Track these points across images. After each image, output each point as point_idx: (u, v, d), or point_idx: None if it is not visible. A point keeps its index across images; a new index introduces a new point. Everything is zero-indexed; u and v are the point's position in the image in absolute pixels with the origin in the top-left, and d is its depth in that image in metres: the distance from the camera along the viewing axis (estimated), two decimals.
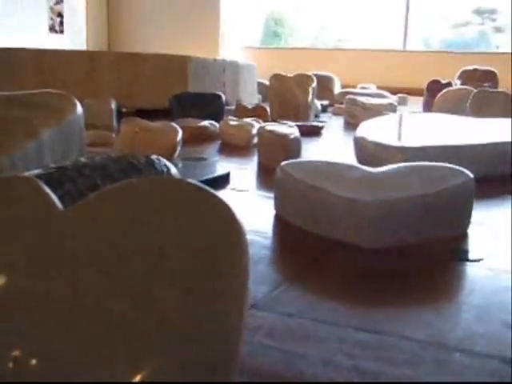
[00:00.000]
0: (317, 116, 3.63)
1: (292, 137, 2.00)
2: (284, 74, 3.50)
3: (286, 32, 9.96)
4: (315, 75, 3.68)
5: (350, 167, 1.36)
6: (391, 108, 3.62)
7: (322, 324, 0.82)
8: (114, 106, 2.83)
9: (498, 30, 11.85)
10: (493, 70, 4.39)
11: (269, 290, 0.93)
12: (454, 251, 1.16)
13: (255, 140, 2.24)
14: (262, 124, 2.33)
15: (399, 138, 2.24)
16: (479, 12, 11.20)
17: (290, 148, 1.96)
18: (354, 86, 5.20)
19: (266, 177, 1.75)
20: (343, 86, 5.12)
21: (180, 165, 1.82)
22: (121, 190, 0.54)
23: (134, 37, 8.05)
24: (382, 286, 0.98)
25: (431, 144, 1.88)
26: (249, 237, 0.55)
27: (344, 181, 1.25)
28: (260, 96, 4.55)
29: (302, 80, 3.44)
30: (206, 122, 2.64)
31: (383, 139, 1.94)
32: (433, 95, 3.74)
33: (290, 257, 1.13)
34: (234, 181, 1.73)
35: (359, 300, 0.92)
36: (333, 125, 3.34)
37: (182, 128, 2.04)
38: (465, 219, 1.28)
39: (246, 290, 0.48)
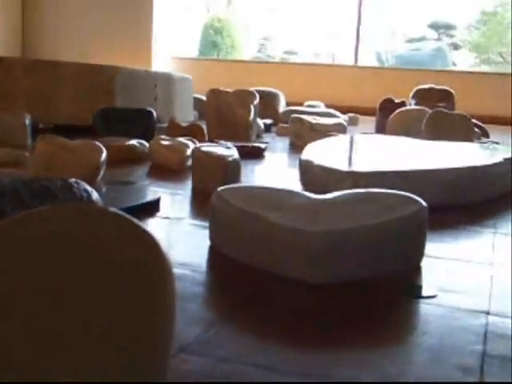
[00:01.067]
0: (259, 136, 3.67)
1: (230, 159, 2.02)
2: (223, 89, 3.54)
3: (227, 42, 10.09)
4: (258, 91, 3.73)
5: (295, 194, 1.38)
6: (341, 129, 3.70)
7: (260, 369, 0.82)
8: (28, 120, 2.78)
9: (456, 46, 12.42)
10: (449, 89, 4.59)
11: (201, 331, 0.93)
12: (406, 287, 1.19)
13: (189, 162, 2.24)
14: (198, 144, 2.34)
15: (349, 162, 2.30)
16: (435, 27, 11.72)
17: (228, 172, 1.98)
18: (301, 104, 5.30)
19: (201, 203, 1.75)
20: (289, 104, 5.21)
21: (103, 189, 1.79)
22: (30, 218, 0.53)
23: (54, 42, 7.93)
24: (328, 327, 0.99)
25: (383, 169, 1.94)
26: (180, 271, 0.56)
27: (287, 209, 1.27)
28: (196, 113, 4.57)
29: (244, 96, 3.48)
30: (134, 141, 2.62)
31: (331, 163, 1.98)
32: (386, 115, 3.86)
33: (226, 293, 1.13)
34: (164, 208, 1.72)
35: (302, 342, 0.93)
36: (276, 146, 3.39)
37: (106, 147, 2.02)
38: (418, 251, 1.32)
39: (172, 333, 0.47)
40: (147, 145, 2.58)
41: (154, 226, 1.53)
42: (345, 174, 1.88)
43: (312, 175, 2.00)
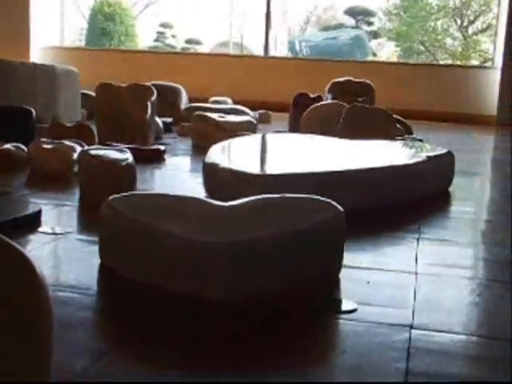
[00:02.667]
0: (158, 137, 3.65)
1: (124, 164, 1.99)
2: (115, 83, 3.49)
3: (119, 30, 9.96)
4: (156, 86, 3.71)
5: (198, 202, 1.38)
6: (250, 127, 3.74)
7: None
8: None
9: (375, 35, 12.81)
10: (368, 82, 4.73)
11: (89, 363, 0.91)
12: (324, 301, 1.22)
13: (76, 168, 2.20)
14: (86, 147, 2.30)
15: (259, 164, 2.32)
16: (352, 13, 12.06)
17: (121, 178, 1.95)
18: (206, 100, 5.31)
19: (90, 215, 1.72)
20: (191, 100, 5.21)
21: None
22: None
23: None
24: (236, 348, 1.00)
25: (296, 171, 1.98)
26: (65, 294, 0.54)
27: (189, 219, 1.27)
28: (84, 111, 4.49)
29: (139, 91, 3.45)
30: (9, 145, 2.54)
31: (239, 166, 2.00)
32: (300, 111, 3.93)
33: (119, 318, 1.11)
34: (47, 222, 1.68)
35: (205, 369, 0.93)
36: (178, 148, 3.38)
37: None
38: (335, 261, 1.35)
39: (48, 365, 0.46)
40: (25, 149, 2.51)
41: (34, 243, 1.49)
42: (254, 177, 1.90)
43: (218, 180, 2.01)
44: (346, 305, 1.19)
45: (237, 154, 2.39)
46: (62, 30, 8.19)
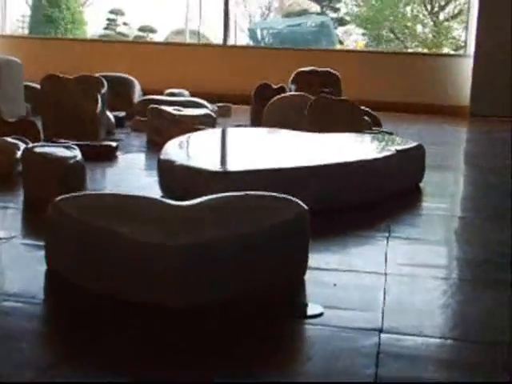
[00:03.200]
0: (109, 133, 3.62)
1: (72, 162, 1.98)
2: (62, 75, 3.46)
3: (66, 17, 9.87)
4: (106, 77, 3.68)
5: (152, 201, 1.38)
6: (209, 121, 3.74)
7: None
8: None
9: (342, 22, 12.91)
10: (335, 72, 4.77)
11: (35, 376, 0.90)
12: (288, 305, 1.23)
13: (20, 167, 2.18)
14: (30, 145, 2.27)
15: (219, 160, 2.33)
16: None
17: (69, 177, 1.94)
18: (161, 93, 5.29)
19: (36, 218, 1.70)
20: (145, 92, 5.18)
21: None
22: None
23: None
24: (197, 357, 1.00)
25: (259, 167, 1.98)
26: (9, 304, 0.54)
27: (143, 220, 1.26)
28: (28, 105, 4.43)
29: (89, 84, 3.42)
30: None
31: (197, 162, 2.00)
32: (262, 104, 3.94)
33: (67, 328, 1.11)
34: None
35: (161, 376, 0.93)
36: (131, 144, 3.36)
37: None
38: (300, 262, 1.36)
39: None
40: None
41: None
42: (214, 174, 1.90)
43: (174, 178, 2.01)
44: (311, 309, 1.20)
45: (195, 150, 2.39)
46: (2, 17, 8.09)
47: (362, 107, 3.79)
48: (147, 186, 2.22)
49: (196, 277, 1.18)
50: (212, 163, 2.07)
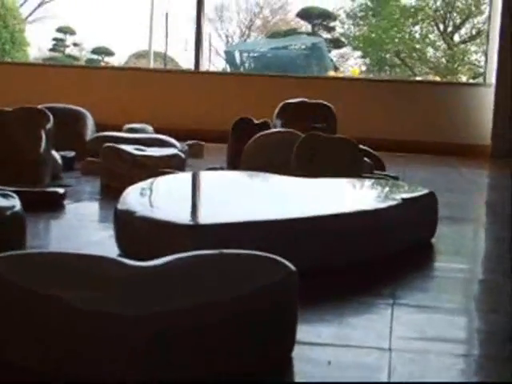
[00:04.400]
0: (56, 177, 3.62)
1: (8, 213, 1.97)
2: None
3: (3, 36, 9.91)
4: (52, 109, 3.69)
5: (107, 262, 1.38)
6: (177, 163, 3.75)
7: None
8: None
9: (337, 43, 13.02)
10: (328, 104, 4.81)
11: None
12: None
13: None
14: None
15: (189, 211, 2.33)
16: (307, 16, 12.22)
17: (5, 232, 1.93)
18: (119, 128, 5.31)
19: None
20: (100, 128, 5.19)
21: None
22: None
23: None
24: None
25: (237, 220, 1.99)
26: None
27: (95, 285, 1.26)
28: None
29: (30, 117, 3.42)
30: None
31: (163, 214, 2.00)
32: (241, 142, 3.96)
33: None
34: None
35: None
36: (82, 191, 3.36)
37: None
38: (287, 337, 1.36)
39: None
40: None
41: None
42: (182, 228, 1.90)
43: (134, 233, 2.00)
44: None
45: (160, 199, 2.39)
46: None
47: (362, 146, 3.82)
48: (101, 242, 2.22)
49: (158, 353, 1.18)
50: (180, 215, 2.07)
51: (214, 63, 9.75)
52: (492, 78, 6.86)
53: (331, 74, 10.57)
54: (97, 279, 1.29)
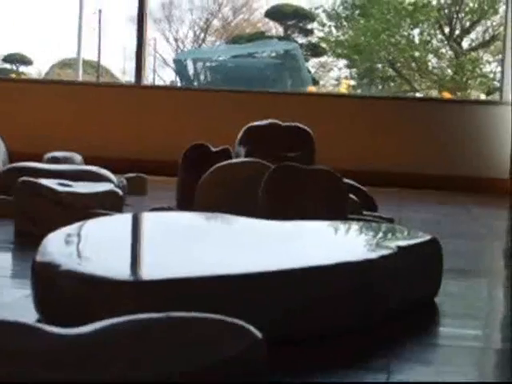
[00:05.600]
0: None
1: None
2: None
3: None
4: None
5: (23, 328, 1.38)
6: (113, 201, 3.74)
7: None
8: None
9: (316, 50, 12.99)
10: (305, 127, 4.83)
11: None
12: None
13: None
14: None
15: (128, 264, 2.33)
16: (278, 16, 12.23)
17: None
18: (38, 157, 5.29)
19: None
20: (13, 157, 5.17)
21: None
22: None
23: None
24: None
25: (189, 274, 1.99)
26: None
27: (7, 356, 1.26)
28: None
29: None
30: None
31: (94, 267, 2.00)
32: (195, 175, 3.96)
33: None
34: None
35: None
36: None
37: None
38: None
39: None
40: None
41: None
42: (120, 286, 1.90)
43: (58, 291, 2.00)
44: None
45: (91, 248, 2.38)
46: None
47: (347, 180, 3.83)
48: (15, 303, 2.21)
49: None
50: (117, 268, 2.07)
51: (161, 75, 9.76)
52: (510, 95, 6.89)
53: (309, 89, 10.59)
54: (10, 351, 1.29)
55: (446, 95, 11.26)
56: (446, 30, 12.03)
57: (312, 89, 10.24)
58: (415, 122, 7.20)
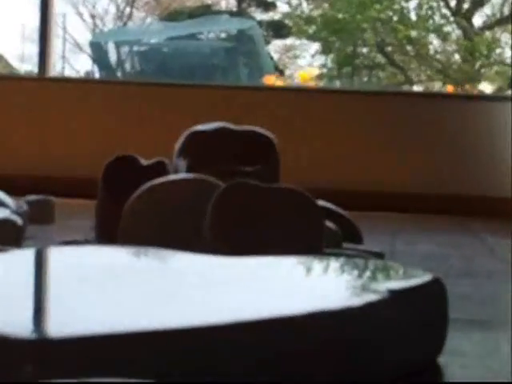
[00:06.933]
0: None
1: None
2: None
3: None
4: None
5: None
6: (10, 232, 3.75)
7: None
8: None
9: (281, 30, 13.02)
10: (265, 133, 4.85)
11: None
12: None
13: None
14: None
15: (31, 316, 2.33)
16: None
17: None
18: None
19: None
20: None
21: None
22: None
23: None
24: None
25: (109, 330, 2.00)
26: None
27: None
28: None
29: None
30: None
31: None
32: (119, 196, 3.96)
33: None
34: None
35: None
36: None
37: None
38: None
39: None
40: None
41: None
42: (19, 344, 1.91)
43: None
44: None
45: None
46: None
47: (323, 203, 3.85)
48: None
49: None
50: (16, 322, 2.08)
51: (73, 63, 9.77)
52: None
53: (271, 80, 10.58)
54: None
55: (452, 89, 11.31)
56: (453, 1, 12.11)
57: (274, 80, 10.23)
58: (412, 124, 7.24)
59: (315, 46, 12.25)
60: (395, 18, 12.22)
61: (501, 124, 6.92)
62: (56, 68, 8.16)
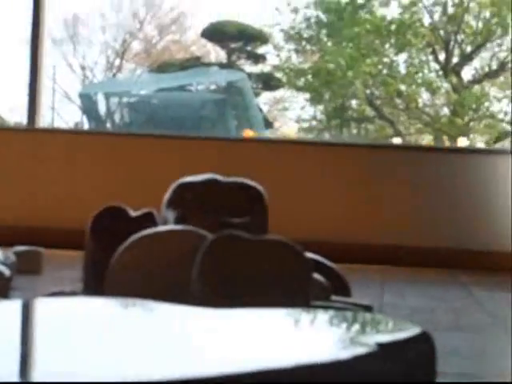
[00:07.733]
0: None
1: None
2: None
3: None
4: None
5: None
6: (3, 283, 3.73)
7: None
8: None
9: (270, 82, 13.09)
10: (254, 184, 4.85)
11: None
12: None
13: None
14: None
15: (16, 369, 2.32)
16: (220, 37, 12.27)
17: None
18: None
19: None
20: None
21: None
22: None
23: None
24: None
25: (96, 381, 1.99)
26: None
27: None
28: None
29: None
30: None
31: None
32: (107, 248, 3.96)
33: None
34: None
35: None
36: None
37: None
38: None
39: None
40: None
41: None
42: None
43: None
44: None
45: None
46: None
47: (311, 255, 3.85)
48: None
49: None
50: (2, 374, 2.07)
51: (62, 114, 9.79)
52: None
53: (261, 132, 10.61)
54: None
55: (442, 142, 11.33)
56: (442, 56, 12.14)
57: (263, 133, 10.28)
58: (401, 178, 7.25)
59: (304, 98, 12.27)
60: (385, 71, 12.23)
61: (492, 177, 6.95)
62: (45, 119, 8.13)
